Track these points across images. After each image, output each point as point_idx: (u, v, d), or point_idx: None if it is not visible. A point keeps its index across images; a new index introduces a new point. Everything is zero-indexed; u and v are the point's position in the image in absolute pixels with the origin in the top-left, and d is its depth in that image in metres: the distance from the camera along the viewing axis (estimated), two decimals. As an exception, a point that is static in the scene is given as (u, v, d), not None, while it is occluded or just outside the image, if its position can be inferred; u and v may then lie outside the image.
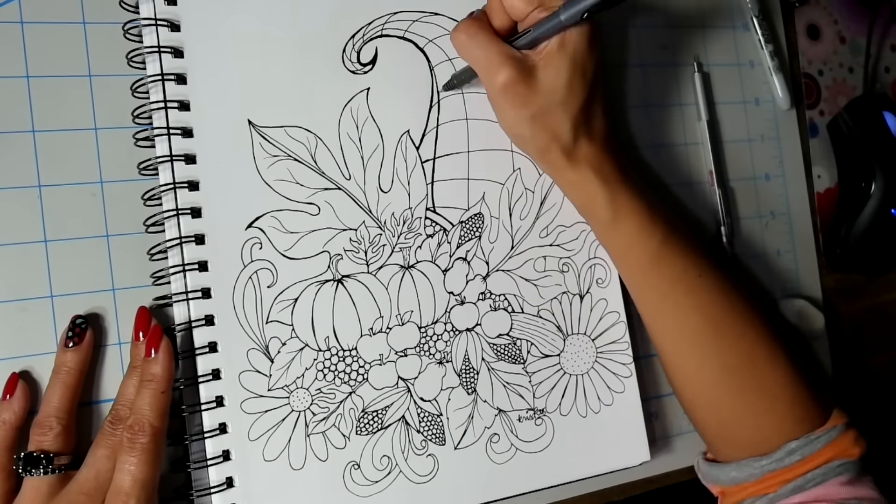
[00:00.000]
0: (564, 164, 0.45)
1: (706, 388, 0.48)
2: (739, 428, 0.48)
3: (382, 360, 0.45)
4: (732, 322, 0.47)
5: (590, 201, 0.46)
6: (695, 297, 0.47)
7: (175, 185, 0.42)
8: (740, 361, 0.47)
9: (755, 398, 0.47)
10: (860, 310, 0.64)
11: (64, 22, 0.42)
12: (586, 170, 0.45)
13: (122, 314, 0.42)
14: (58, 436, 0.38)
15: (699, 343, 0.47)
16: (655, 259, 0.46)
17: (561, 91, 0.43)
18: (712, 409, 0.48)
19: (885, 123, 0.61)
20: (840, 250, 0.61)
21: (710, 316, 0.47)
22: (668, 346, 0.48)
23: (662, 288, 0.47)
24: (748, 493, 0.48)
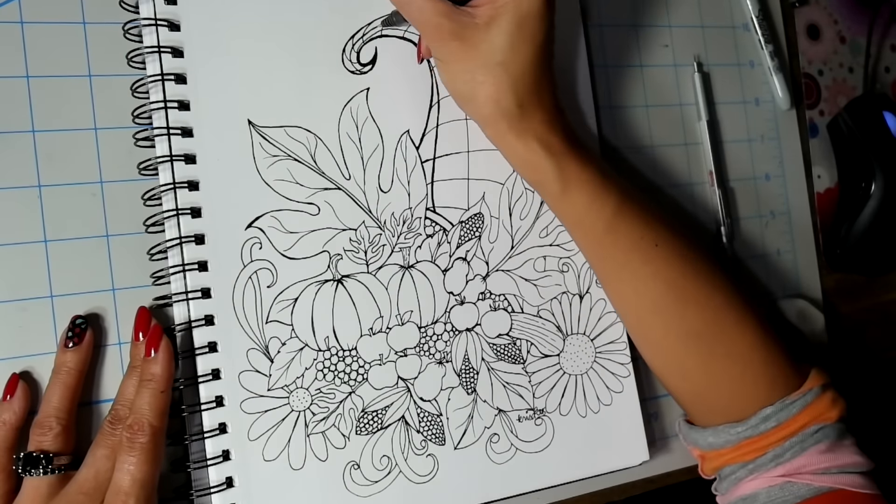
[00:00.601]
0: (507, 132, 0.43)
1: (674, 356, 0.47)
2: (712, 394, 0.47)
3: (382, 360, 0.45)
4: (695, 288, 0.46)
5: (538, 173, 0.45)
6: (654, 265, 0.46)
7: (175, 185, 0.42)
8: (706, 327, 0.46)
9: (726, 363, 0.46)
10: (860, 310, 0.64)
11: (64, 22, 0.42)
12: (532, 140, 0.43)
13: (122, 314, 0.42)
14: (57, 436, 0.38)
15: (661, 310, 0.46)
16: (610, 229, 0.45)
17: (502, 52, 0.41)
18: (683, 377, 0.48)
19: (885, 123, 0.62)
20: (840, 250, 0.61)
21: (671, 283, 0.46)
22: (631, 316, 0.48)
23: (619, 258, 0.46)
24: (725, 459, 0.47)
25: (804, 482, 0.45)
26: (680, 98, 0.57)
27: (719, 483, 0.49)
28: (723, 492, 0.48)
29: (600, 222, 0.45)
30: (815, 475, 0.45)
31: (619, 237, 0.46)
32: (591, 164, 0.45)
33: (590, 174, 0.45)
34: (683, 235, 0.48)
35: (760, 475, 0.46)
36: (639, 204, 0.46)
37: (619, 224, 0.45)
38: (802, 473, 0.45)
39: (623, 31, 0.56)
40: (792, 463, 0.45)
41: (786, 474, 0.45)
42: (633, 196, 0.46)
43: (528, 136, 0.43)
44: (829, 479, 0.44)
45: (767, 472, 0.46)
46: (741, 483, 0.47)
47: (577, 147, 0.45)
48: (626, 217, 0.45)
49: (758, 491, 0.46)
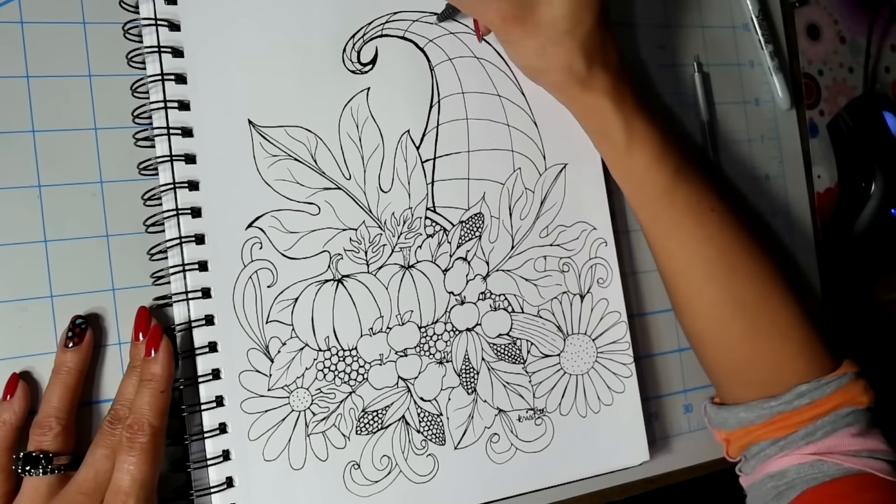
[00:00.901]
0: (580, 92, 0.45)
1: (718, 324, 0.48)
2: (750, 367, 0.48)
3: (382, 359, 0.45)
4: (746, 259, 0.47)
5: (605, 127, 0.46)
6: (707, 229, 0.47)
7: (175, 185, 0.42)
8: (754, 298, 0.47)
9: (767, 336, 0.47)
10: (860, 310, 0.64)
11: (64, 22, 0.42)
12: (602, 97, 0.45)
13: (122, 314, 0.42)
14: (57, 436, 0.38)
15: (712, 276, 0.47)
16: (669, 188, 0.46)
17: (566, 20, 0.42)
18: (724, 347, 0.48)
19: (885, 123, 0.62)
20: (840, 250, 0.61)
21: (724, 250, 0.47)
22: (679, 280, 0.48)
23: (675, 218, 0.47)
24: (755, 436, 0.48)
25: (834, 461, 0.45)
26: (680, 98, 0.57)
27: (745, 463, 0.49)
28: (749, 471, 0.49)
29: (660, 181, 0.46)
30: (845, 456, 0.45)
31: (676, 198, 0.46)
32: (655, 123, 0.46)
33: (654, 132, 0.46)
34: (734, 206, 0.48)
35: (790, 452, 0.46)
36: (697, 168, 0.47)
37: (678, 185, 0.46)
38: (833, 453, 0.45)
39: (623, 31, 0.56)
40: (823, 442, 0.45)
41: (816, 452, 0.45)
42: (691, 160, 0.47)
43: (598, 92, 0.45)
44: (858, 462, 0.45)
45: (798, 449, 0.46)
46: (770, 460, 0.47)
47: (643, 105, 0.46)
48: (685, 179, 0.46)
49: (787, 468, 0.46)
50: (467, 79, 0.48)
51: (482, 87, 0.49)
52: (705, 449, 0.53)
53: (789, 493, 0.45)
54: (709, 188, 0.48)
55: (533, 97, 0.49)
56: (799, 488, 0.45)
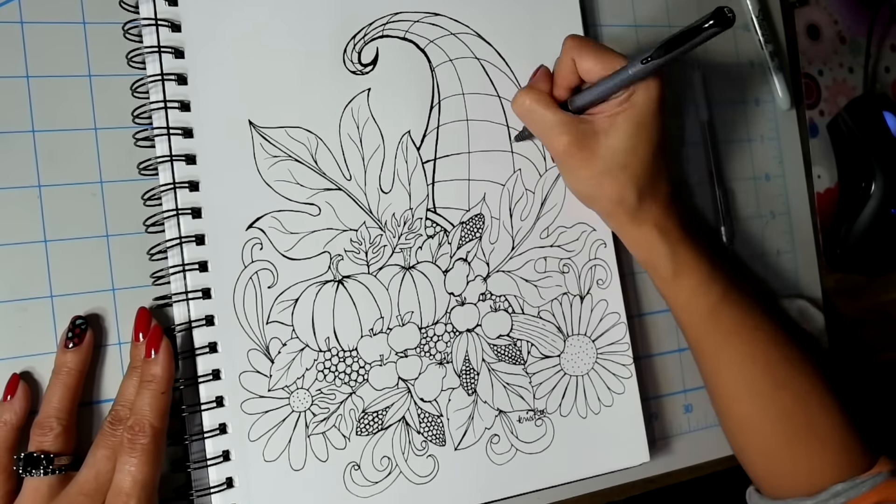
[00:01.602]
0: (628, 222, 0.46)
1: (760, 435, 0.49)
2: (790, 471, 0.49)
3: (383, 360, 0.45)
4: (787, 371, 0.48)
5: (652, 257, 0.47)
6: (751, 347, 0.48)
7: (175, 185, 0.42)
8: (794, 407, 0.48)
9: (807, 443, 0.48)
10: (860, 310, 0.64)
11: (64, 22, 0.42)
12: (650, 228, 0.46)
13: (122, 314, 0.42)
14: (58, 436, 0.38)
15: (756, 391, 0.48)
16: (714, 312, 0.47)
17: (624, 154, 0.44)
18: (765, 455, 0.49)
19: (885, 123, 0.62)
20: (840, 250, 0.61)
21: (767, 365, 0.48)
22: (724, 394, 0.49)
23: (720, 339, 0.48)
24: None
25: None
26: (680, 98, 0.57)
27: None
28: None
29: (706, 305, 0.47)
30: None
31: (722, 320, 0.48)
32: (701, 251, 0.47)
33: (700, 260, 0.47)
34: (779, 320, 0.50)
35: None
36: (742, 290, 0.49)
37: (723, 308, 0.47)
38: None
39: (623, 31, 0.56)
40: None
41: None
42: (736, 282, 0.48)
43: (646, 224, 0.46)
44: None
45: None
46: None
47: (689, 234, 0.47)
48: (730, 302, 0.48)
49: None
50: (468, 80, 0.48)
51: (483, 89, 0.48)
52: (705, 449, 0.54)
53: None
54: (754, 307, 0.49)
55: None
56: None
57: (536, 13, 0.50)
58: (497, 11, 0.49)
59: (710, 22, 0.39)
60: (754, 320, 0.48)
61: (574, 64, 0.44)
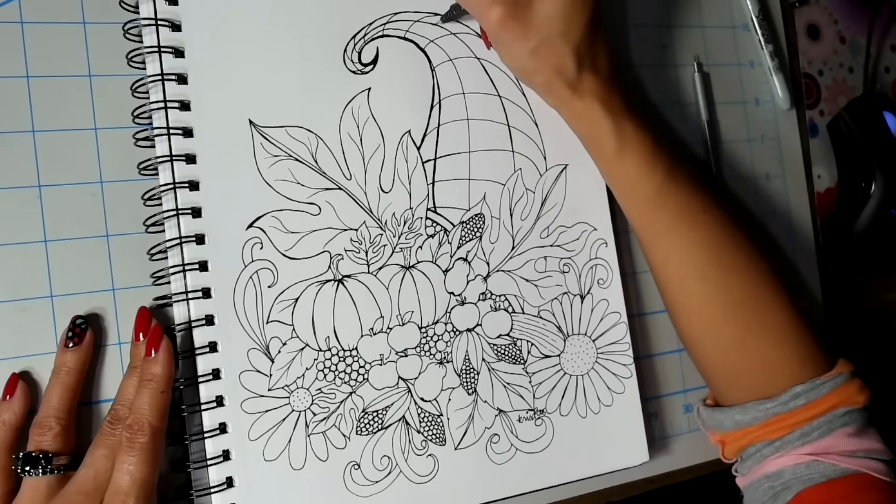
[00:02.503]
0: (569, 95, 0.45)
1: (711, 326, 0.48)
2: (744, 368, 0.48)
3: (383, 360, 0.45)
4: (737, 259, 0.47)
5: (596, 132, 0.46)
6: (699, 232, 0.47)
7: (175, 185, 0.42)
8: (746, 299, 0.47)
9: (761, 337, 0.47)
10: (860, 310, 0.64)
11: (64, 22, 0.42)
12: (592, 101, 0.45)
13: (122, 314, 0.42)
14: (57, 436, 0.38)
15: (704, 278, 0.47)
16: (660, 192, 0.46)
17: (560, 21, 0.43)
18: (718, 349, 0.48)
19: (885, 123, 0.62)
20: (840, 250, 0.61)
21: (716, 251, 0.47)
22: (672, 282, 0.48)
23: (667, 221, 0.47)
24: (751, 438, 0.48)
25: (830, 462, 0.45)
26: (680, 98, 0.57)
27: (741, 464, 0.49)
28: (745, 472, 0.49)
29: (651, 185, 0.46)
30: (841, 456, 0.45)
31: (668, 201, 0.46)
32: (645, 127, 0.46)
33: (644, 136, 0.46)
34: (726, 206, 0.48)
35: (787, 453, 0.46)
36: (688, 171, 0.48)
37: (669, 188, 0.46)
38: (829, 454, 0.45)
39: (623, 32, 0.56)
40: (819, 443, 0.45)
41: (812, 453, 0.45)
42: (682, 163, 0.47)
43: (588, 95, 0.45)
44: (854, 462, 0.45)
45: (794, 449, 0.46)
46: (766, 461, 0.47)
47: (632, 108, 0.46)
48: (676, 182, 0.47)
49: (783, 468, 0.46)
50: (468, 79, 0.48)
51: (483, 88, 0.48)
52: (705, 449, 0.53)
53: (785, 493, 0.45)
54: (700, 190, 0.48)
55: (534, 98, 0.49)
56: (795, 489, 0.45)
57: (536, 13, 0.50)
58: (497, 11, 0.49)
59: None
60: (701, 203, 0.47)
61: None
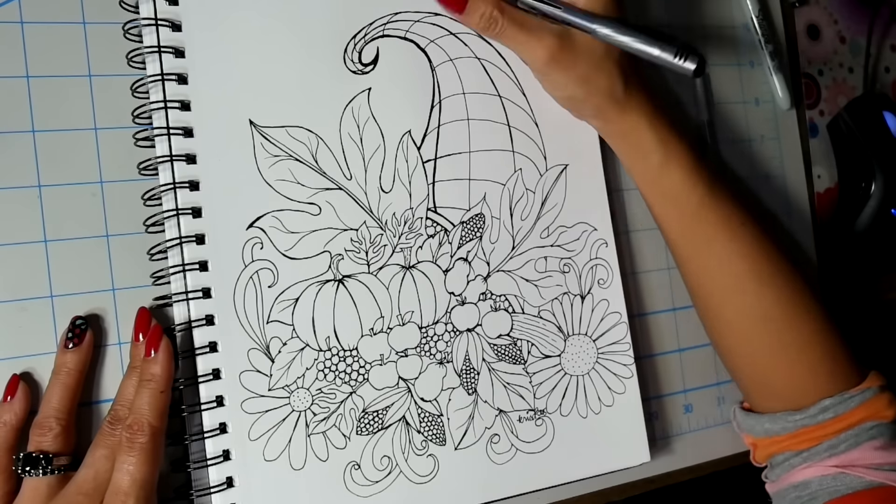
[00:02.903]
0: (618, 114, 0.46)
1: (746, 337, 0.48)
2: (775, 380, 0.48)
3: (383, 360, 0.45)
4: (773, 272, 0.48)
5: (642, 146, 0.46)
6: (738, 244, 0.47)
7: (175, 185, 0.42)
8: (780, 311, 0.47)
9: (791, 349, 0.47)
10: (860, 310, 0.64)
11: (64, 22, 0.42)
12: (638, 116, 0.46)
13: (122, 314, 0.42)
14: (57, 436, 0.38)
15: (741, 289, 0.48)
16: (702, 204, 0.47)
17: (601, 44, 0.43)
18: (749, 358, 0.49)
19: (885, 123, 0.62)
20: (840, 250, 0.61)
21: (753, 263, 0.47)
22: (711, 293, 0.49)
23: (708, 233, 0.48)
24: (780, 447, 0.48)
25: (857, 475, 0.45)
26: (680, 98, 0.57)
27: (770, 470, 0.50)
28: (774, 479, 0.49)
29: (694, 197, 0.47)
30: (868, 469, 0.45)
31: (709, 213, 0.47)
32: (688, 141, 0.47)
33: (688, 149, 0.47)
34: (761, 221, 0.49)
35: (814, 464, 0.46)
36: (726, 185, 0.48)
37: (711, 201, 0.47)
38: (856, 466, 0.45)
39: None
40: (846, 455, 0.46)
41: (839, 465, 0.46)
42: (720, 177, 0.48)
43: (635, 112, 0.46)
44: (881, 475, 0.45)
45: (821, 461, 0.46)
46: (794, 470, 0.47)
47: (674, 124, 0.47)
48: (717, 195, 0.47)
49: (810, 479, 0.46)
50: (468, 79, 0.48)
51: (483, 88, 0.48)
52: (705, 449, 0.54)
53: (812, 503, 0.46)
54: (738, 204, 0.48)
55: (534, 98, 0.49)
56: (821, 499, 0.46)
57: (536, 13, 0.50)
58: (497, 11, 0.49)
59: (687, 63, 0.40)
60: (740, 217, 0.48)
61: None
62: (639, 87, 0.46)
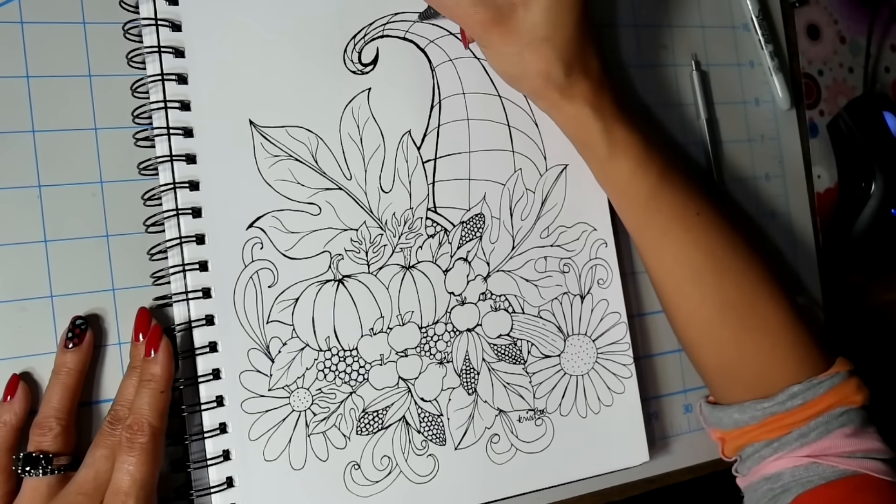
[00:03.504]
0: (559, 99, 0.45)
1: (708, 327, 0.48)
2: (742, 368, 0.48)
3: (383, 360, 0.45)
4: (733, 260, 0.47)
5: (587, 137, 0.46)
6: (694, 234, 0.47)
7: (175, 185, 0.42)
8: (742, 299, 0.47)
9: (757, 337, 0.47)
10: (860, 310, 0.64)
11: (64, 22, 0.42)
12: (582, 105, 0.44)
13: (122, 314, 0.42)
14: (57, 436, 0.38)
15: (700, 280, 0.47)
16: (654, 195, 0.46)
17: (544, 27, 0.42)
18: (714, 349, 0.48)
19: (885, 123, 0.62)
20: (840, 250, 0.61)
21: (710, 252, 0.47)
22: (668, 284, 0.48)
23: (661, 224, 0.47)
24: (749, 437, 0.48)
25: (829, 464, 0.45)
26: (680, 98, 0.57)
27: (741, 464, 0.49)
28: (745, 472, 0.49)
29: (644, 188, 0.46)
30: (839, 458, 0.45)
31: (661, 204, 0.46)
32: (637, 130, 0.46)
33: (636, 139, 0.46)
34: (721, 207, 0.48)
35: (785, 454, 0.46)
36: (681, 173, 0.47)
37: (662, 191, 0.46)
38: (827, 455, 0.45)
39: (623, 32, 0.56)
40: (817, 444, 0.45)
41: (811, 455, 0.45)
42: (675, 165, 0.47)
43: (579, 100, 0.44)
44: (853, 463, 0.45)
45: (792, 451, 0.46)
46: (765, 462, 0.47)
47: (624, 112, 0.46)
48: (669, 184, 0.46)
49: (782, 470, 0.46)
50: (468, 79, 0.48)
51: (483, 88, 0.49)
52: (705, 449, 0.53)
53: (784, 496, 0.45)
54: (694, 192, 0.48)
55: (533, 97, 0.49)
56: (794, 491, 0.45)
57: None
58: (497, 11, 0.49)
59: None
60: (695, 205, 0.47)
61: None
62: (585, 75, 0.44)
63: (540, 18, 0.42)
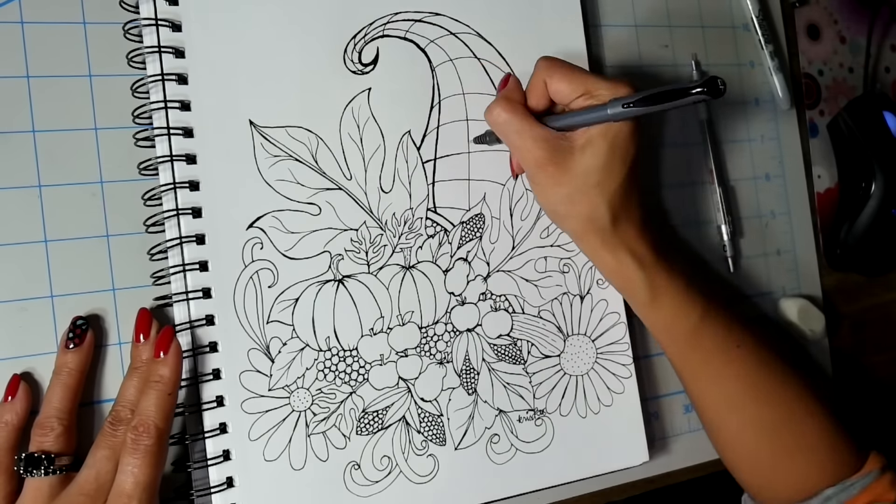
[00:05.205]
0: (600, 246, 0.45)
1: (747, 449, 0.49)
2: (779, 481, 0.49)
3: (383, 360, 0.45)
4: (771, 385, 0.48)
5: (628, 284, 0.46)
6: (734, 367, 0.48)
7: (175, 185, 0.42)
8: (780, 421, 0.48)
9: (795, 454, 0.48)
10: (860, 310, 0.64)
11: (64, 22, 0.42)
12: (623, 255, 0.45)
13: (123, 314, 0.42)
14: (59, 436, 0.38)
15: (739, 407, 0.48)
16: (694, 333, 0.47)
17: (598, 173, 0.43)
18: (753, 467, 0.49)
19: (885, 123, 0.62)
20: (840, 250, 0.61)
21: (750, 382, 0.48)
22: (709, 411, 0.49)
23: (702, 357, 0.48)
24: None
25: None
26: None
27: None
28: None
29: (686, 327, 0.47)
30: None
31: (703, 340, 0.47)
32: (677, 274, 0.46)
33: (677, 284, 0.46)
34: (760, 334, 0.49)
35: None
36: (722, 309, 0.48)
37: (703, 329, 0.47)
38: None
39: (623, 31, 0.56)
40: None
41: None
42: (716, 301, 0.48)
43: (620, 249, 0.45)
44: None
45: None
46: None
47: (664, 257, 0.46)
48: (710, 322, 0.47)
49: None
50: (468, 79, 0.48)
51: (483, 88, 0.48)
52: (705, 449, 0.53)
53: None
54: (734, 324, 0.48)
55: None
56: None
57: (537, 13, 0.50)
58: (498, 11, 0.49)
59: (699, 89, 0.39)
60: (735, 338, 0.48)
61: (545, 86, 0.44)
62: (628, 224, 0.45)
63: (595, 164, 0.43)
